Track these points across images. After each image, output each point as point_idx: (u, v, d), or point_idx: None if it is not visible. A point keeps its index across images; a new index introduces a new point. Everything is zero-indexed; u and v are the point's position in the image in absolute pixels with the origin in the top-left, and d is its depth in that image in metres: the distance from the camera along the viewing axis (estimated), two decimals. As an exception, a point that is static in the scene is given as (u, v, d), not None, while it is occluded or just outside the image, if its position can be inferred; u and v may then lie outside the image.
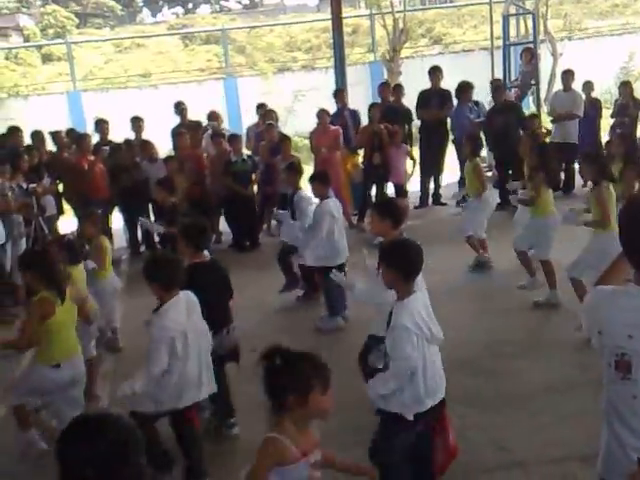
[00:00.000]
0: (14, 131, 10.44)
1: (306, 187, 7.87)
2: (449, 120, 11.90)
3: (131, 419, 2.25)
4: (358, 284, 5.03)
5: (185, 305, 4.48)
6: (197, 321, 4.57)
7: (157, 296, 4.44)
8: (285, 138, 10.65)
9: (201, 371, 4.55)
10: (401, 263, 3.85)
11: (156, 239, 9.59)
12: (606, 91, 17.91)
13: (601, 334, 2.75)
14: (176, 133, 10.89)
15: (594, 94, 12.35)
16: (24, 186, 8.92)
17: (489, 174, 11.05)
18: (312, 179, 7.50)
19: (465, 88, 11.57)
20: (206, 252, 5.52)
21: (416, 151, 11.85)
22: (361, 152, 11.32)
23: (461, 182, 10.99)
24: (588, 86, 12.06)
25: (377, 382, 3.87)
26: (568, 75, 12.09)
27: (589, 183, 7.62)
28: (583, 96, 11.88)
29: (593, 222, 6.52)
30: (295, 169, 8.08)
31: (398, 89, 12.10)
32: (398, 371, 3.76)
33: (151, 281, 4.43)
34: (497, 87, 11.90)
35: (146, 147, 10.57)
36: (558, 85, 12.49)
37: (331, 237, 7.16)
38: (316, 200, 7.49)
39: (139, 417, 4.27)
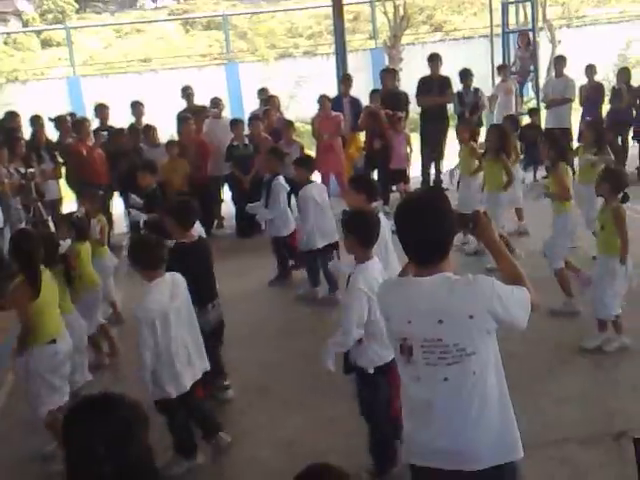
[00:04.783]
0: (12, 116, 10.44)
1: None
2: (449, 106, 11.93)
3: (135, 399, 2.27)
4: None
5: (170, 287, 4.61)
6: (183, 302, 4.70)
7: (144, 278, 4.62)
8: (288, 123, 10.64)
9: (189, 351, 4.69)
10: (359, 231, 4.27)
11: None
12: (604, 78, 17.91)
13: (388, 321, 2.97)
14: (182, 118, 10.86)
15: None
16: (22, 170, 8.93)
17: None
18: (296, 164, 7.65)
19: None
20: (200, 230, 5.78)
21: (415, 137, 11.88)
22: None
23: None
24: (590, 70, 12.06)
25: (333, 344, 4.27)
26: (560, 61, 12.34)
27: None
28: (575, 81, 12.00)
29: (555, 196, 6.80)
30: (306, 163, 7.81)
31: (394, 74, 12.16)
32: (348, 328, 4.14)
33: (134, 264, 4.66)
34: None
35: (148, 132, 10.56)
36: (556, 72, 12.60)
37: (316, 220, 7.44)
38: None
39: (160, 406, 4.59)
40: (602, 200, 6.05)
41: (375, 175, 10.88)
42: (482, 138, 12.26)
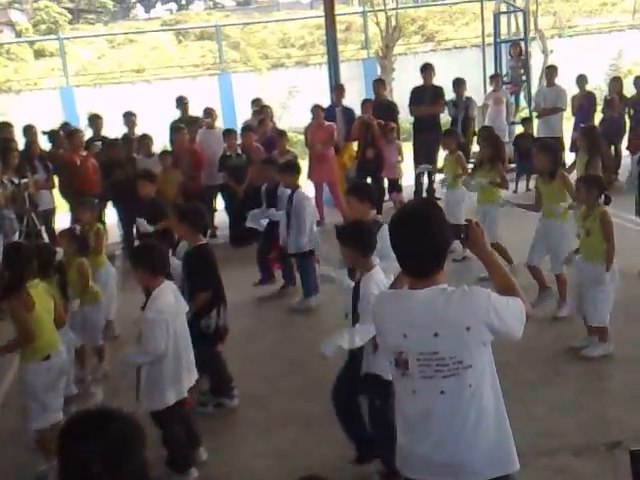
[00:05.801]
0: (5, 126, 10.41)
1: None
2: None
3: (132, 414, 2.23)
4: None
5: (173, 292, 4.67)
6: (183, 309, 4.79)
7: (144, 283, 4.63)
8: (281, 133, 10.66)
9: (188, 357, 4.75)
10: (359, 242, 4.31)
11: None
12: (595, 88, 18.04)
13: (381, 335, 2.95)
14: (175, 128, 10.87)
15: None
16: (15, 181, 8.91)
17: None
18: (281, 171, 7.77)
19: None
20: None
21: (407, 146, 11.90)
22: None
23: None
24: (582, 80, 12.14)
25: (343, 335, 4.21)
26: (551, 71, 12.38)
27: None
28: (567, 91, 12.07)
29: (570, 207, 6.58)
30: (290, 168, 7.92)
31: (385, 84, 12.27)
32: (368, 334, 4.02)
33: (138, 268, 4.59)
34: None
35: (143, 142, 10.54)
36: (547, 82, 12.69)
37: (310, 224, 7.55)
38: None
39: (159, 418, 4.58)
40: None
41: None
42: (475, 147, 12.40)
